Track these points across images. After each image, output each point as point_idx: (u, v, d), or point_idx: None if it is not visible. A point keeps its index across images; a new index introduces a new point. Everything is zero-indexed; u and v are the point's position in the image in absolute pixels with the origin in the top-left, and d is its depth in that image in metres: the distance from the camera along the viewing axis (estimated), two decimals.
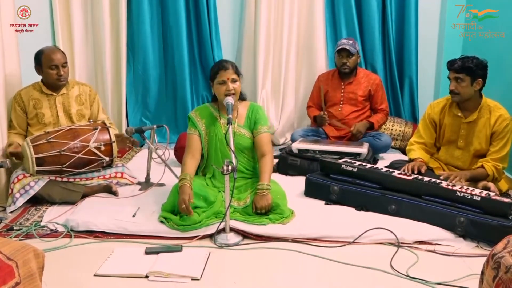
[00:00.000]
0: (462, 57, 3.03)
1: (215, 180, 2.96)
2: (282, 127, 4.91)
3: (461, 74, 2.99)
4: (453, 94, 3.06)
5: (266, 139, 2.93)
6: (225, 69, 2.83)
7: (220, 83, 2.84)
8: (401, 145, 4.53)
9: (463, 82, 3.00)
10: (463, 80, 2.99)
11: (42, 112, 3.26)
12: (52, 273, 2.07)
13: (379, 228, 2.61)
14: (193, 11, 4.75)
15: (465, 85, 3.00)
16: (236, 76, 2.85)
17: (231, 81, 2.82)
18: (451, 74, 3.05)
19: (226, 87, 2.81)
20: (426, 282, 2.16)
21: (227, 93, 2.81)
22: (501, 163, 3.06)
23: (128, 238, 2.63)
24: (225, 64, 2.86)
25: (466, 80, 2.99)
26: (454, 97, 3.08)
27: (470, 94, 3.04)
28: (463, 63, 2.98)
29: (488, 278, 1.53)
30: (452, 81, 3.05)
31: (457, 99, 3.08)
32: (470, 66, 2.96)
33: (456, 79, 3.01)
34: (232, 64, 2.88)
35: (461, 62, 2.99)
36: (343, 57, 4.16)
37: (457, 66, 3.00)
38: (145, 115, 4.98)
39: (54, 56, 3.18)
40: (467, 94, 3.04)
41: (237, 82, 2.85)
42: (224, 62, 2.90)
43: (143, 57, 4.80)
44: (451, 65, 3.05)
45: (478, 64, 2.97)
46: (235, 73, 2.85)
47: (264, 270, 2.31)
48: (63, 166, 3.07)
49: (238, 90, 2.86)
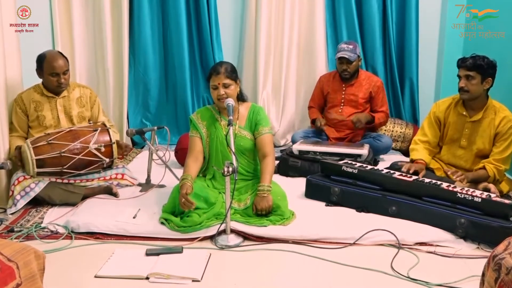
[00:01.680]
0: (473, 55, 3.05)
1: (216, 181, 2.96)
2: (283, 129, 4.91)
3: (472, 72, 3.00)
4: (463, 91, 3.07)
5: (267, 140, 2.93)
6: (216, 74, 2.81)
7: (213, 87, 2.83)
8: (402, 146, 4.53)
9: (474, 80, 3.01)
10: (474, 78, 3.01)
11: (43, 114, 3.26)
12: (52, 274, 2.07)
13: (380, 230, 2.61)
14: (194, 13, 4.76)
15: (475, 83, 3.02)
16: (228, 80, 2.80)
17: (223, 86, 2.80)
18: (461, 72, 3.06)
19: (217, 92, 2.81)
20: (426, 284, 2.16)
21: (219, 98, 2.81)
22: (503, 165, 3.07)
23: (129, 239, 2.63)
24: (219, 68, 2.83)
25: (477, 78, 3.01)
26: (463, 94, 3.08)
27: (479, 92, 3.05)
28: (475, 61, 3.00)
29: (490, 279, 1.53)
30: (462, 79, 3.06)
31: (466, 97, 3.08)
32: (481, 64, 2.98)
33: (467, 77, 3.03)
34: (226, 68, 2.83)
35: (472, 60, 3.01)
36: (343, 64, 4.16)
37: (469, 63, 3.01)
38: (145, 116, 4.98)
39: (56, 63, 3.16)
40: (476, 92, 3.05)
41: (231, 86, 2.81)
42: (219, 65, 2.86)
43: (143, 59, 4.81)
44: (462, 62, 3.05)
45: (489, 63, 3.00)
46: (228, 78, 2.80)
47: (264, 271, 2.31)
48: (64, 168, 3.07)
49: (231, 94, 2.82)
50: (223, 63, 2.89)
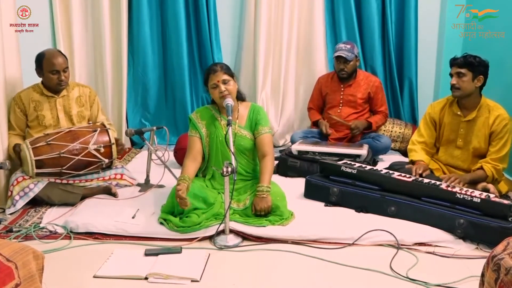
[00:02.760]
0: (465, 54, 3.09)
1: (215, 181, 2.96)
2: (282, 129, 4.91)
3: (463, 69, 3.03)
4: (454, 89, 3.09)
5: (267, 140, 2.93)
6: (214, 72, 2.83)
7: (213, 87, 2.84)
8: (401, 146, 4.53)
9: (465, 77, 3.04)
10: (465, 75, 3.03)
11: (43, 114, 3.25)
12: (51, 274, 2.07)
13: (379, 230, 2.61)
14: (193, 13, 4.75)
15: (467, 80, 3.04)
16: (227, 76, 2.83)
17: (222, 82, 2.81)
18: (453, 69, 3.09)
19: (218, 90, 2.81)
20: (425, 284, 2.16)
21: (221, 95, 2.81)
22: (500, 164, 3.07)
23: (128, 239, 2.62)
24: (214, 67, 2.86)
25: (468, 75, 3.03)
26: (455, 92, 3.10)
27: (471, 90, 3.07)
28: (465, 58, 3.04)
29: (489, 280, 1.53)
30: (453, 76, 3.08)
31: (458, 94, 3.10)
32: (472, 62, 3.02)
33: (458, 74, 3.06)
34: (222, 66, 2.87)
35: (463, 58, 3.05)
36: (340, 63, 4.17)
37: (460, 61, 3.05)
38: (144, 116, 4.98)
39: (55, 61, 3.16)
40: (468, 90, 3.06)
41: (230, 82, 2.84)
42: (214, 65, 2.90)
43: (142, 59, 4.80)
44: (454, 60, 3.10)
45: (480, 61, 3.03)
46: (225, 74, 2.83)
47: (263, 271, 2.31)
48: (63, 168, 3.07)
49: (232, 90, 2.84)
50: (218, 63, 2.93)
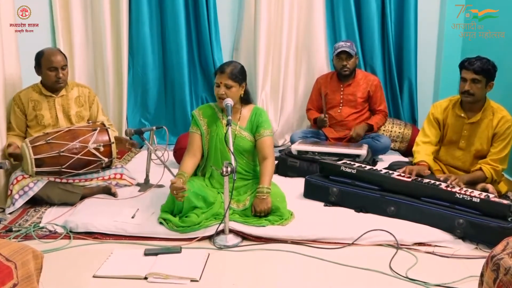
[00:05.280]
0: (479, 58, 3.00)
1: (214, 180, 2.95)
2: (281, 129, 4.91)
3: (480, 76, 2.96)
4: (468, 94, 3.02)
5: (268, 142, 2.92)
6: (221, 72, 2.82)
7: (216, 85, 2.84)
8: (401, 146, 4.53)
9: (479, 84, 2.99)
10: (480, 81, 2.98)
11: (42, 113, 3.25)
12: (51, 274, 2.07)
13: (378, 230, 2.61)
14: (193, 13, 4.75)
15: (481, 87, 3.00)
16: (231, 82, 2.79)
17: (224, 86, 2.80)
18: (468, 74, 2.98)
19: (218, 90, 2.82)
20: (425, 284, 2.16)
21: (218, 97, 2.82)
22: (500, 165, 3.06)
23: (127, 239, 2.62)
24: (225, 67, 2.83)
25: (482, 82, 2.99)
26: (467, 97, 3.04)
27: (482, 95, 3.05)
28: (482, 64, 2.95)
29: (489, 280, 1.53)
30: (468, 82, 2.99)
31: (470, 100, 3.04)
32: (489, 69, 2.96)
33: (473, 80, 2.98)
34: (232, 70, 2.81)
35: (480, 63, 2.95)
36: (343, 60, 4.16)
37: (477, 67, 2.95)
38: (144, 116, 4.97)
39: (54, 58, 3.17)
40: (480, 96, 3.04)
41: (232, 88, 2.81)
42: (226, 65, 2.87)
43: (142, 59, 4.80)
44: (470, 65, 2.98)
45: (494, 66, 2.99)
46: (230, 79, 2.79)
47: (263, 271, 2.31)
48: (62, 167, 3.07)
49: (232, 96, 2.81)
50: (231, 64, 2.88)
